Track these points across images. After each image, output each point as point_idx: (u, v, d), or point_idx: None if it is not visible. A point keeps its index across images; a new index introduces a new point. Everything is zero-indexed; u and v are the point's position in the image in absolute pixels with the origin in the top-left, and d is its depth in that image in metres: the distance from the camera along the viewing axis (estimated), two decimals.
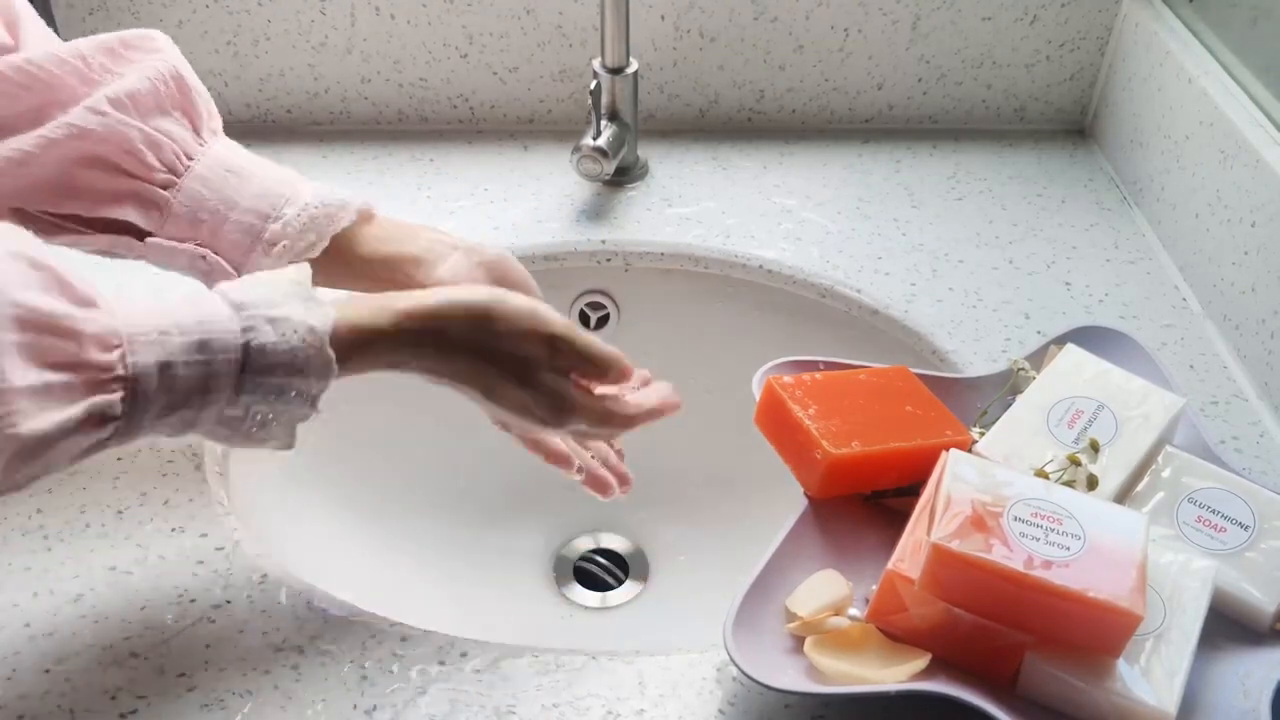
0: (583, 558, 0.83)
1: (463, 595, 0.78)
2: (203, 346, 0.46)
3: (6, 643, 0.56)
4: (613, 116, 0.89)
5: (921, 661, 0.51)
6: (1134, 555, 0.50)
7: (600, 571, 0.82)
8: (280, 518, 0.71)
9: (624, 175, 0.92)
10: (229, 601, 0.58)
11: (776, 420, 0.61)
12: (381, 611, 0.58)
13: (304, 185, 0.61)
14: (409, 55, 0.96)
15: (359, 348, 0.51)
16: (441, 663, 0.56)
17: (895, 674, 0.51)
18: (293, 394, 0.48)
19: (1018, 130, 1.01)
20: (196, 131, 0.59)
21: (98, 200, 0.56)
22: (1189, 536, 0.57)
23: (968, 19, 0.95)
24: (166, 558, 0.60)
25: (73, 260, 0.47)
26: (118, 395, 0.44)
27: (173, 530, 0.62)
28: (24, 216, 0.56)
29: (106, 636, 0.56)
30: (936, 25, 0.95)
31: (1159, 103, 0.88)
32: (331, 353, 0.49)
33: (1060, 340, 0.69)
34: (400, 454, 0.82)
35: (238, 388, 0.47)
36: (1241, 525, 0.57)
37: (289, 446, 0.51)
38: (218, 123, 0.61)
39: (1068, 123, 1.01)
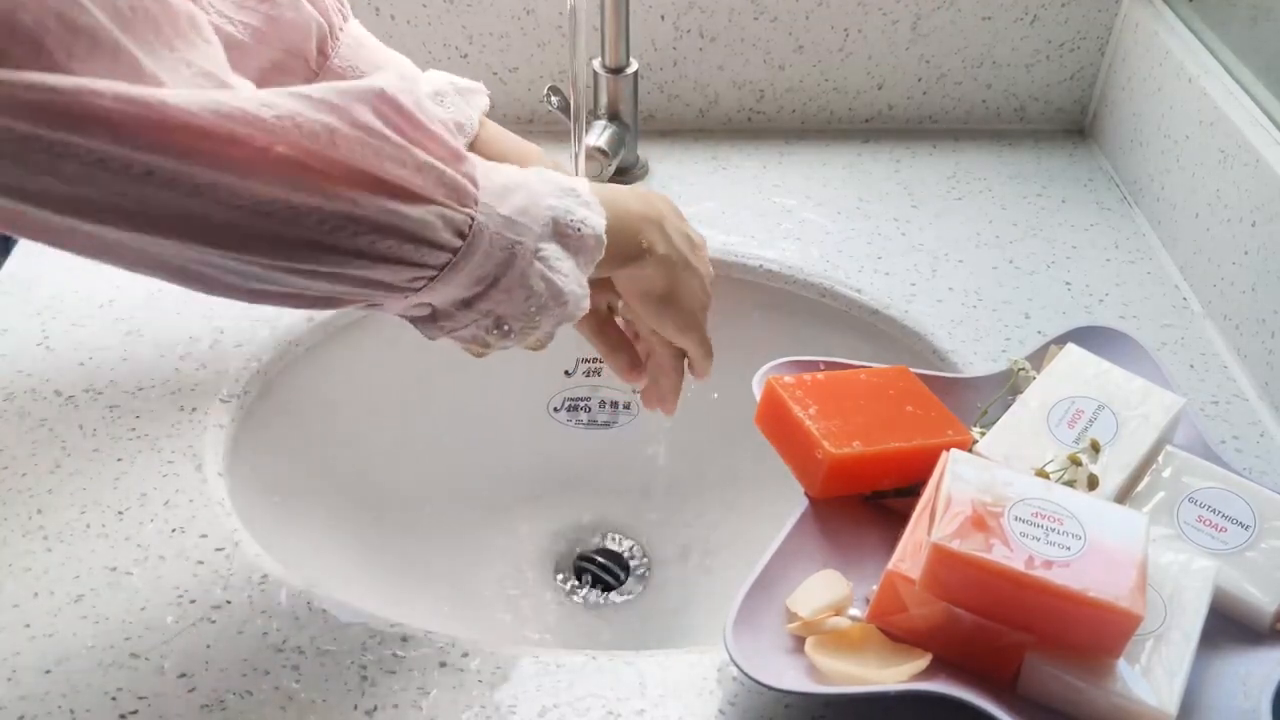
0: (583, 557, 0.83)
1: (463, 595, 0.78)
2: (525, 210, 0.51)
3: (7, 643, 0.56)
4: (613, 116, 0.89)
5: (922, 661, 0.51)
6: (1134, 555, 0.50)
7: (600, 571, 0.81)
8: (280, 518, 0.71)
9: (624, 175, 0.92)
10: (229, 601, 0.58)
11: (777, 420, 0.61)
12: (381, 611, 0.58)
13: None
14: (409, 55, 0.95)
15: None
16: (442, 663, 0.56)
17: (895, 674, 0.51)
18: (569, 269, 0.53)
19: (1018, 130, 1.01)
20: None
21: None
22: (1189, 536, 0.57)
23: (968, 19, 0.95)
24: (166, 558, 0.60)
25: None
26: (468, 212, 0.49)
27: (173, 530, 0.62)
28: None
29: (107, 637, 0.56)
30: (936, 25, 0.95)
31: (1159, 103, 0.88)
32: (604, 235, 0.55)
33: (1060, 340, 0.69)
34: (400, 454, 0.82)
35: (540, 242, 0.52)
36: (1242, 525, 0.57)
37: (544, 342, 0.56)
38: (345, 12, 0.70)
39: (1068, 122, 1.01)
